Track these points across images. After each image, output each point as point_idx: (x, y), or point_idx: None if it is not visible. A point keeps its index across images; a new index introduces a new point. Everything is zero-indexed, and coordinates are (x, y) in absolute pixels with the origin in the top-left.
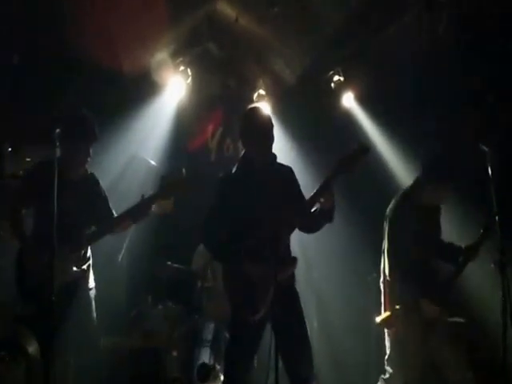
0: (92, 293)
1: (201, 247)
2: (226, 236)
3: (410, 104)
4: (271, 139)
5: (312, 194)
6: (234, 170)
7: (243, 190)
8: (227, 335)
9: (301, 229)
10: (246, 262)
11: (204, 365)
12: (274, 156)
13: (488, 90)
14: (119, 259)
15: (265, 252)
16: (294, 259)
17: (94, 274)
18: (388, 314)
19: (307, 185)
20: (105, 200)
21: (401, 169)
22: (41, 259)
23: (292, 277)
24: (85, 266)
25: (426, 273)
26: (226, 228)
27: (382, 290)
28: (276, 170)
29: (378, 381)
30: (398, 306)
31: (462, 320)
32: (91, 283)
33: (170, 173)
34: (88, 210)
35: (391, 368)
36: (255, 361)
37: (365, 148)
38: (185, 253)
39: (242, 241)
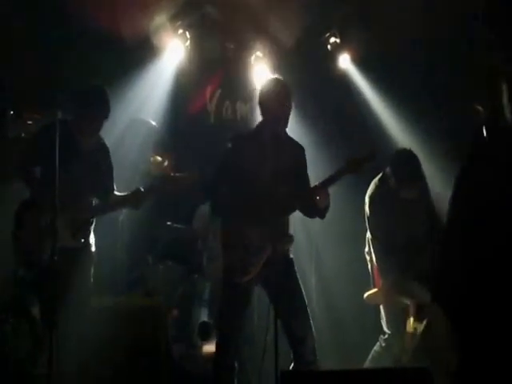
0: (92, 257)
1: (201, 207)
2: (229, 194)
3: (408, 65)
4: (288, 110)
5: (316, 185)
6: (247, 134)
7: (252, 154)
8: None
9: (300, 210)
10: (244, 224)
11: (205, 323)
12: (285, 128)
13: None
14: (120, 220)
15: (263, 219)
16: (291, 237)
17: (95, 234)
18: (375, 290)
19: (306, 146)
20: (111, 172)
21: (395, 129)
22: (41, 222)
23: (287, 251)
24: (87, 231)
25: (414, 256)
26: (229, 186)
27: (370, 268)
28: (288, 144)
29: (377, 340)
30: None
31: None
32: (93, 248)
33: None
34: (95, 180)
35: (389, 329)
36: (248, 320)
37: (373, 155)
38: (185, 212)
39: (242, 202)
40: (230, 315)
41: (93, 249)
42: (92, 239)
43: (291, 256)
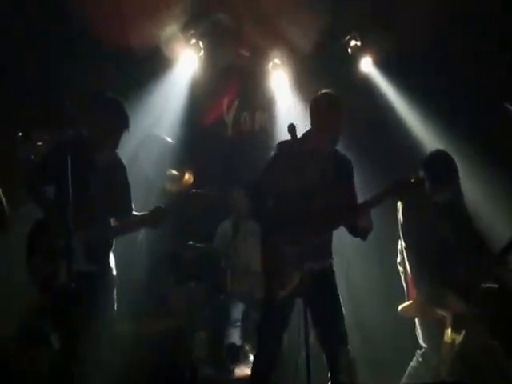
0: (114, 280)
1: (222, 224)
2: (271, 202)
3: (430, 66)
4: (341, 127)
5: (369, 199)
6: (292, 141)
7: (296, 165)
8: (256, 316)
9: (346, 227)
10: (284, 241)
11: (233, 345)
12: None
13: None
14: (138, 239)
15: (303, 235)
16: (330, 253)
17: (116, 255)
18: (410, 302)
19: None
20: (128, 191)
21: (422, 133)
22: (55, 245)
23: (328, 269)
24: (107, 253)
25: (448, 265)
26: (272, 193)
27: (403, 280)
28: (335, 157)
29: (412, 356)
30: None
31: (494, 285)
32: (113, 271)
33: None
34: (112, 198)
35: (425, 343)
36: (285, 339)
37: (423, 181)
38: (206, 231)
39: (284, 215)
40: (269, 331)
41: (114, 272)
42: (112, 262)
43: (333, 269)
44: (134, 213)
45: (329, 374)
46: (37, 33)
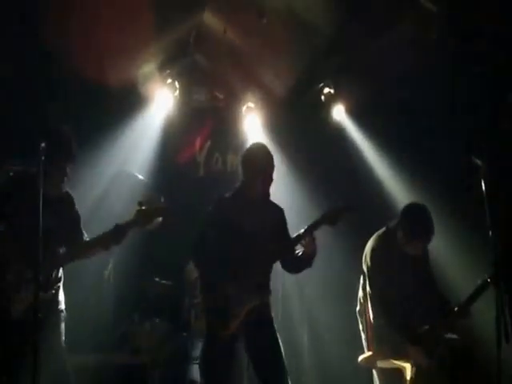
0: (62, 315)
1: (190, 263)
2: (214, 254)
3: (401, 116)
4: (270, 181)
5: (295, 236)
6: (229, 195)
7: (235, 214)
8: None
9: (283, 267)
10: (227, 283)
11: (193, 381)
12: (268, 193)
13: (481, 101)
14: (106, 276)
15: (245, 277)
16: (269, 290)
17: (81, 290)
18: (370, 353)
19: (297, 198)
20: (78, 221)
21: (393, 183)
22: (8, 279)
23: (267, 304)
24: (55, 287)
25: (409, 317)
26: (213, 247)
27: (362, 329)
28: (269, 206)
29: None
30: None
31: (455, 336)
32: (62, 305)
33: (147, 200)
34: (61, 230)
35: None
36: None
37: (351, 207)
38: (173, 269)
39: (227, 262)
40: (214, 373)
41: (61, 306)
42: (61, 296)
43: (272, 315)
44: (87, 239)
45: None
46: (12, 68)
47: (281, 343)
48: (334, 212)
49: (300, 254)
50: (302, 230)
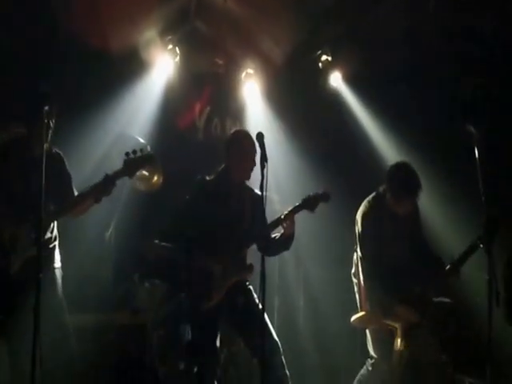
0: (58, 272)
1: None
2: (192, 233)
3: (397, 83)
4: (252, 169)
5: (274, 220)
6: (211, 178)
7: (214, 199)
8: None
9: (259, 250)
10: (207, 259)
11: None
12: (248, 178)
13: (477, 65)
14: (107, 237)
15: (223, 255)
16: (251, 266)
17: (83, 252)
18: (363, 313)
19: (294, 163)
20: (68, 179)
21: (389, 149)
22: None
23: (246, 280)
24: (50, 246)
25: (400, 279)
26: (192, 226)
27: (357, 291)
28: (248, 191)
29: (363, 363)
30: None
31: (448, 300)
32: (57, 263)
33: (134, 149)
34: (50, 188)
35: (375, 353)
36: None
37: (326, 195)
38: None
39: (204, 241)
40: (201, 341)
41: (56, 264)
42: (57, 255)
43: (250, 286)
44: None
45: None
46: (11, 31)
47: (265, 314)
48: (313, 199)
49: (278, 237)
50: (282, 216)
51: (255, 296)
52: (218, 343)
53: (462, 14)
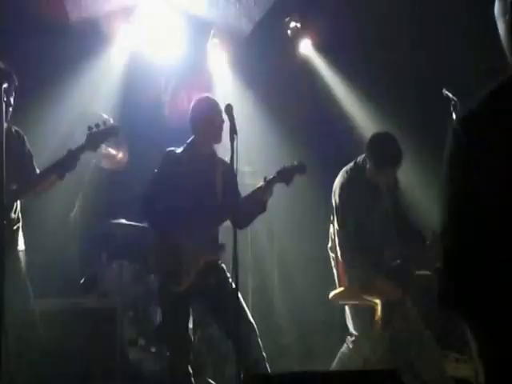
0: (22, 255)
1: None
2: (162, 208)
3: (370, 50)
4: (221, 133)
5: (250, 192)
6: (179, 150)
7: (185, 173)
8: None
9: (231, 223)
10: (178, 236)
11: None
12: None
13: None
14: (71, 218)
15: (194, 231)
16: (222, 246)
17: (47, 234)
18: (342, 289)
19: (265, 133)
20: (29, 157)
21: (361, 117)
22: None
23: (217, 259)
24: (14, 227)
25: (379, 252)
26: (162, 201)
27: (334, 266)
28: (218, 161)
29: (343, 341)
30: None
31: (429, 272)
32: (21, 246)
33: (97, 123)
34: (10, 167)
35: (356, 330)
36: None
37: (302, 167)
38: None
39: (175, 217)
40: (173, 325)
41: (20, 247)
42: (20, 237)
43: (222, 264)
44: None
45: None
46: None
47: (239, 294)
48: (289, 171)
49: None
50: (257, 188)
51: (228, 275)
52: (190, 326)
53: None
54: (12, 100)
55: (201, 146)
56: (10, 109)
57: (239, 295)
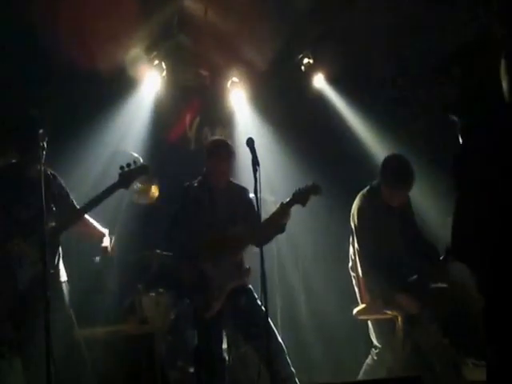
0: (64, 286)
1: None
2: (187, 240)
3: (382, 78)
4: (226, 171)
5: (269, 216)
6: (196, 184)
7: (200, 203)
8: None
9: (251, 243)
10: (204, 264)
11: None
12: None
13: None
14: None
15: (219, 259)
16: (247, 270)
17: (86, 265)
18: (364, 305)
19: (282, 166)
20: (66, 196)
21: (375, 145)
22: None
23: (245, 283)
24: (56, 262)
25: (397, 269)
26: (185, 234)
27: (355, 284)
28: (234, 189)
29: (368, 354)
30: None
31: (445, 285)
32: (63, 277)
33: (128, 163)
34: (49, 206)
35: (379, 343)
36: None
37: (316, 187)
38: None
39: (199, 246)
40: (207, 347)
41: (62, 278)
42: (62, 269)
43: (249, 286)
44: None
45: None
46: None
47: (267, 314)
48: (304, 192)
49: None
50: (275, 212)
51: (256, 296)
52: (224, 346)
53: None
54: (45, 144)
55: (210, 179)
56: (44, 152)
57: (268, 316)
